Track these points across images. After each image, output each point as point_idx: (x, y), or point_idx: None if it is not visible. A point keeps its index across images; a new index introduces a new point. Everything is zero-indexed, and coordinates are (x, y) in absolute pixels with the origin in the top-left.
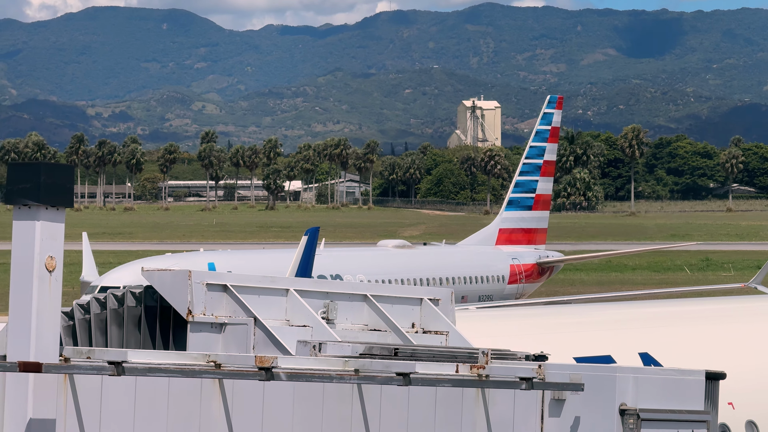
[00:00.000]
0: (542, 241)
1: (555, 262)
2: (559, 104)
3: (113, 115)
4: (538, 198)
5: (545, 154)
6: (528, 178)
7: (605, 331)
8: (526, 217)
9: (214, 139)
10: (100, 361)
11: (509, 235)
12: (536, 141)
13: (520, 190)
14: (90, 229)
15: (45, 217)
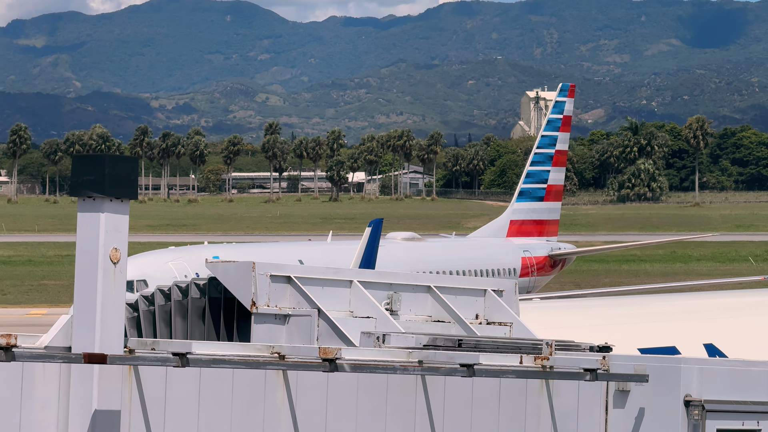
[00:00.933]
0: (554, 232)
1: (567, 254)
2: (571, 92)
3: (177, 107)
4: (550, 188)
5: (557, 143)
6: (539, 168)
7: (670, 322)
8: (537, 208)
9: (278, 130)
10: (165, 352)
11: (520, 226)
12: (548, 130)
13: (532, 181)
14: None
15: (109, 209)
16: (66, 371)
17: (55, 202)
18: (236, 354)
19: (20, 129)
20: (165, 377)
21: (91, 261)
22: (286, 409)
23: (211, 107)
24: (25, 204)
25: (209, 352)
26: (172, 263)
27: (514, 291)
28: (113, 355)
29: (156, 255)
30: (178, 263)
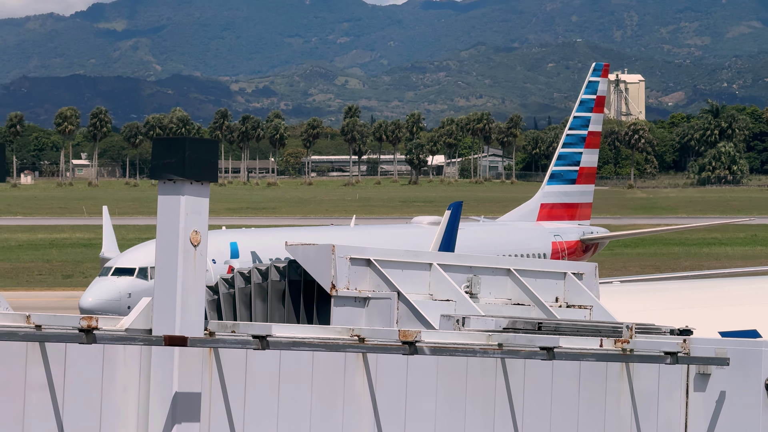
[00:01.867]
0: (586, 216)
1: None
2: (604, 72)
3: (256, 91)
4: (582, 171)
5: (590, 124)
6: (571, 150)
7: (751, 306)
8: (569, 192)
9: (357, 113)
10: (245, 335)
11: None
12: (580, 111)
13: (563, 163)
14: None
15: (190, 192)
16: (147, 354)
17: (135, 185)
18: (316, 337)
19: (101, 112)
20: (245, 360)
21: (172, 244)
22: (365, 392)
23: (290, 90)
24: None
25: (289, 335)
26: None
27: (594, 274)
28: (194, 338)
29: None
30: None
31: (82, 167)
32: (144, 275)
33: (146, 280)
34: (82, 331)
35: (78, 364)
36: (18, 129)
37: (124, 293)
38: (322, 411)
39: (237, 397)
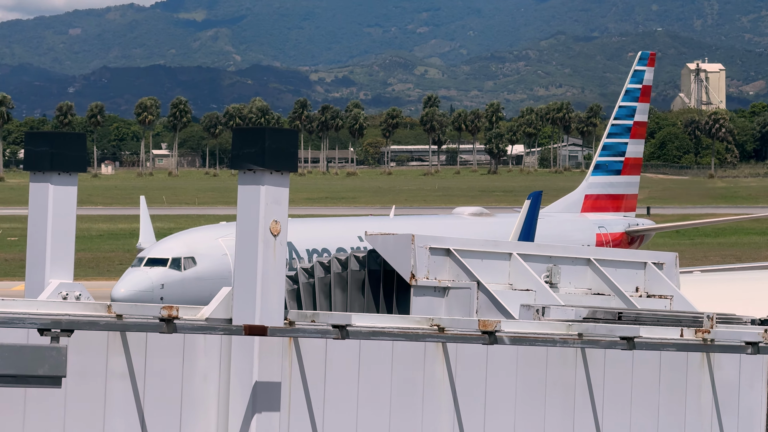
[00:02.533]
0: (632, 207)
1: (645, 230)
2: (651, 61)
3: (336, 80)
4: (628, 161)
5: (636, 114)
6: (617, 141)
7: None
8: (614, 182)
9: (437, 103)
10: (325, 324)
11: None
12: (626, 100)
13: (608, 153)
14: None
15: (269, 182)
16: (227, 343)
17: (215, 175)
18: (396, 326)
19: (180, 102)
20: (325, 349)
21: (252, 233)
22: (445, 381)
23: (369, 80)
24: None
25: (369, 325)
26: (222, 240)
27: (674, 264)
28: (273, 327)
29: (206, 231)
30: (228, 240)
31: (162, 157)
32: (177, 266)
33: (179, 271)
34: (162, 320)
35: (158, 353)
36: (99, 119)
37: (156, 284)
38: (402, 401)
39: (317, 386)
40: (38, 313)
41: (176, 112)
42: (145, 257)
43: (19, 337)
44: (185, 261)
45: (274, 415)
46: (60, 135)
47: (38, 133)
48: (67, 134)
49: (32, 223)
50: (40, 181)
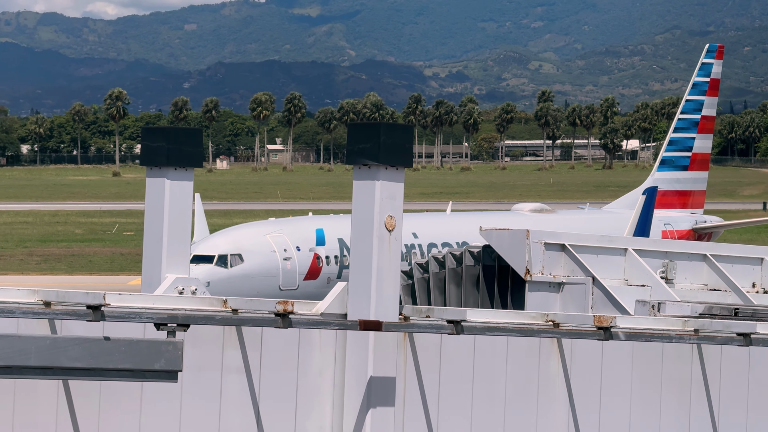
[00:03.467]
0: (699, 204)
1: (713, 227)
2: (719, 54)
3: (450, 75)
4: (695, 157)
5: (703, 108)
6: (683, 135)
7: None
8: (680, 178)
9: (551, 98)
10: (439, 319)
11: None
12: (693, 94)
13: (675, 149)
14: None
15: (384, 177)
16: (342, 338)
17: (329, 170)
18: (510, 322)
19: (295, 98)
20: (439, 344)
21: (367, 228)
22: (560, 377)
23: (484, 75)
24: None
25: (484, 320)
26: (271, 236)
27: None
28: (388, 322)
29: (253, 227)
30: (277, 236)
31: (277, 152)
32: (224, 263)
33: (226, 268)
34: (278, 315)
35: (274, 347)
36: (214, 114)
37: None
38: (517, 396)
39: (431, 381)
40: (155, 308)
41: (291, 107)
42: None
43: (136, 331)
44: (232, 258)
45: (388, 410)
46: (176, 130)
47: (155, 129)
48: (183, 129)
49: (148, 218)
50: (157, 176)
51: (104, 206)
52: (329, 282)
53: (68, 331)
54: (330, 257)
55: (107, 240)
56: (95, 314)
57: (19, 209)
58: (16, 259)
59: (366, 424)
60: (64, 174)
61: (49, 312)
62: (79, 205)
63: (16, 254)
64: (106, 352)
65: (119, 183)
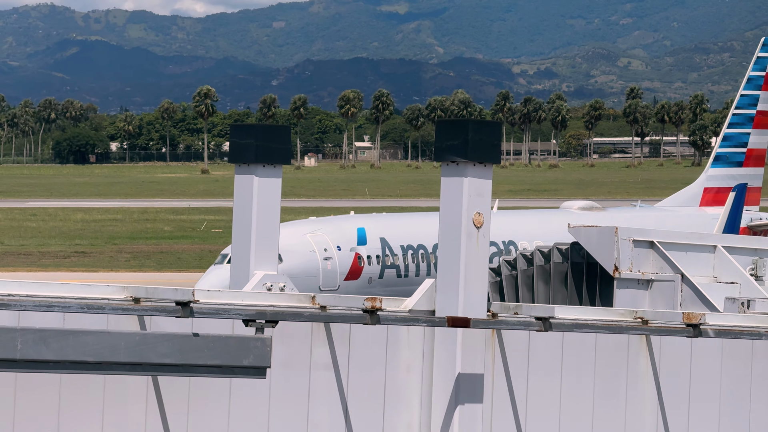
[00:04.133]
0: (755, 201)
1: None
2: None
3: (538, 72)
4: (750, 153)
5: (759, 103)
6: (738, 131)
7: None
8: (735, 175)
9: (640, 95)
10: (528, 316)
11: (716, 194)
12: (748, 89)
13: (729, 144)
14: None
15: (472, 174)
16: (430, 335)
17: (417, 167)
18: (599, 319)
19: (383, 95)
20: (527, 341)
21: (455, 225)
22: (649, 374)
23: (572, 72)
24: (387, 169)
25: (572, 317)
26: (310, 235)
27: None
28: (476, 319)
29: (292, 226)
30: (317, 235)
31: (365, 149)
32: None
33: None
34: (366, 312)
35: (362, 344)
36: (302, 112)
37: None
38: (605, 393)
39: (519, 378)
40: (243, 304)
41: (378, 104)
42: (228, 254)
43: (225, 327)
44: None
45: (476, 407)
46: (265, 128)
47: (244, 126)
48: (271, 127)
49: (237, 215)
50: (245, 173)
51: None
52: (371, 282)
53: (157, 328)
54: (371, 257)
55: (196, 237)
56: (184, 310)
57: (109, 207)
58: (105, 256)
59: (454, 421)
60: (153, 171)
61: (139, 308)
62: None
63: (106, 251)
64: (195, 349)
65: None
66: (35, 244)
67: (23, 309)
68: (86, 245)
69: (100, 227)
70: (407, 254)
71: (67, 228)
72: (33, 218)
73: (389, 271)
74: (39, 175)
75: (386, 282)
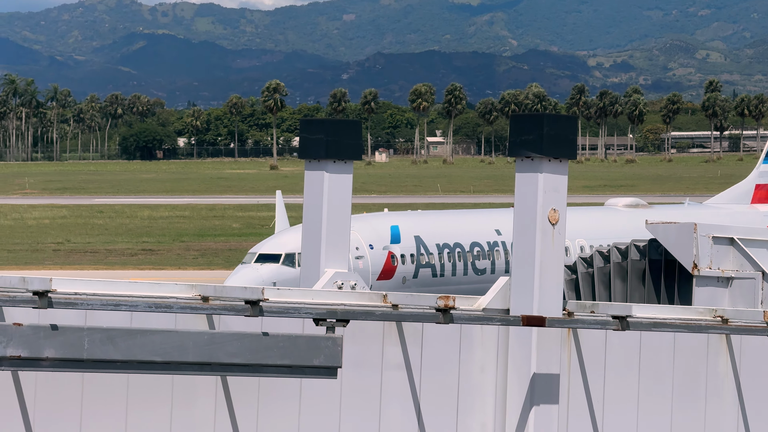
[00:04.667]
0: None
1: None
2: None
3: (614, 65)
4: None
5: None
6: None
7: None
8: None
9: (719, 88)
10: (604, 315)
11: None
12: None
13: None
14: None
15: (548, 169)
16: (504, 334)
17: (490, 162)
18: (677, 317)
19: (455, 89)
20: (604, 341)
21: (529, 222)
22: (729, 374)
23: (649, 65)
24: (460, 165)
25: (650, 315)
26: None
27: None
28: (552, 318)
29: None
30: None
31: (437, 144)
32: (291, 262)
33: (293, 268)
34: (439, 310)
35: (435, 343)
36: (372, 106)
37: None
38: (683, 394)
39: (596, 378)
40: (314, 303)
41: (451, 98)
42: (256, 253)
43: (295, 326)
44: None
45: (552, 408)
46: (335, 122)
47: (314, 121)
48: (342, 122)
49: (307, 212)
50: (316, 169)
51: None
52: (404, 282)
53: (226, 327)
54: (405, 256)
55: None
56: (253, 309)
57: (177, 203)
58: (173, 254)
59: (529, 423)
60: (221, 167)
61: (207, 307)
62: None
63: (174, 249)
64: (265, 348)
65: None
66: (102, 241)
67: (90, 308)
68: (153, 242)
69: (168, 224)
70: (443, 253)
71: (134, 225)
72: (99, 215)
73: (424, 271)
74: (105, 171)
75: (421, 282)
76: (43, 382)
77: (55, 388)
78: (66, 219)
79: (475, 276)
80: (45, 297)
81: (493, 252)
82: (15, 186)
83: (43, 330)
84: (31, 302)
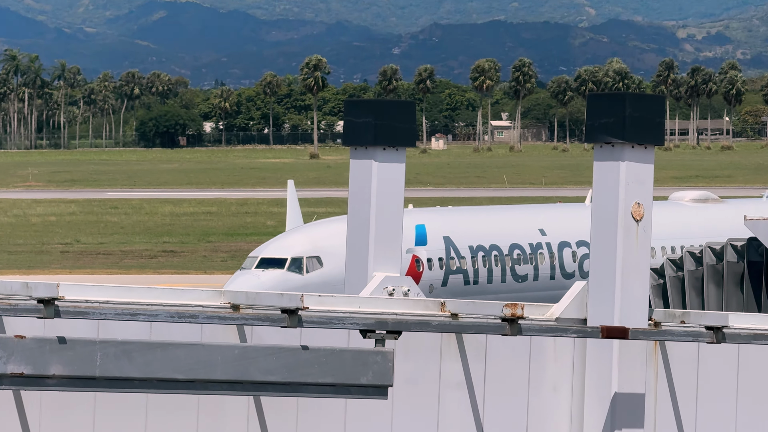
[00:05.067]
0: None
1: None
2: None
3: (708, 37)
4: None
5: None
6: None
7: None
8: None
9: None
10: (697, 325)
11: None
12: None
13: None
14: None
15: (630, 158)
16: (581, 347)
17: (563, 150)
18: None
19: (524, 65)
20: (696, 355)
21: (610, 218)
22: None
23: (748, 37)
24: (529, 153)
25: (749, 326)
26: None
27: None
28: (636, 329)
29: (335, 223)
30: None
31: (503, 129)
32: (298, 267)
33: (300, 274)
34: (505, 320)
35: (500, 358)
36: (428, 85)
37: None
38: None
39: (687, 398)
40: (360, 312)
41: (519, 76)
42: (257, 257)
43: (339, 339)
44: (308, 261)
45: None
46: (385, 104)
47: (360, 102)
48: (393, 103)
49: (353, 208)
50: (363, 157)
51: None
52: (431, 291)
53: (260, 339)
54: (433, 260)
55: None
56: (291, 319)
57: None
58: (198, 256)
59: None
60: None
61: (238, 317)
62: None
63: (199, 250)
64: (304, 364)
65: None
66: (116, 241)
67: (103, 318)
68: (176, 243)
69: (193, 221)
70: (477, 257)
71: (154, 223)
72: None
73: (455, 278)
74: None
75: (451, 290)
76: (49, 402)
77: (63, 409)
78: (75, 216)
79: (515, 283)
80: (51, 305)
81: (536, 255)
82: (17, 178)
83: (49, 343)
84: (36, 311)
